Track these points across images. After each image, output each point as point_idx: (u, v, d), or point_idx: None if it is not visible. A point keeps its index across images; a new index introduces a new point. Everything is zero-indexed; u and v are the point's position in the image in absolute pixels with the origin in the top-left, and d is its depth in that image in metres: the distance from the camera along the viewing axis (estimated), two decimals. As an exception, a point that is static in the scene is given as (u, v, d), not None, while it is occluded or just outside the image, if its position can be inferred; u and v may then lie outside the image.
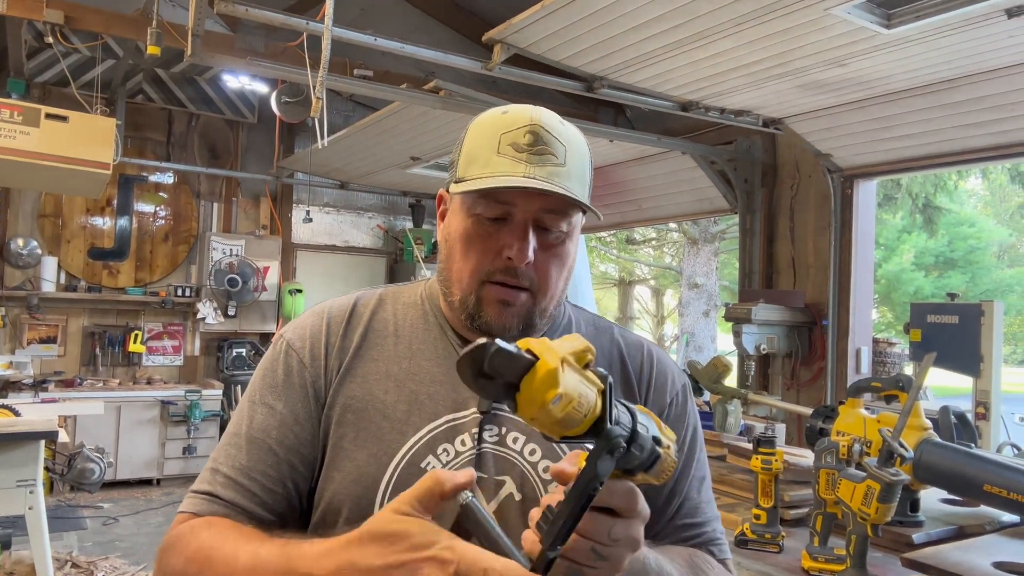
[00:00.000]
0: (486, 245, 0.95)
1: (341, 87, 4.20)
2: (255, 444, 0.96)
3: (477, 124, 0.98)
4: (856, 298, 4.80)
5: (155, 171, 7.22)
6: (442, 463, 0.95)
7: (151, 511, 5.82)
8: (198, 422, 6.64)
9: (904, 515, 1.98)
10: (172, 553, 0.90)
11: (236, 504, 0.94)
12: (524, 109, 0.96)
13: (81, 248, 6.95)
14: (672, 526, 1.03)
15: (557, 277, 0.98)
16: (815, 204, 4.98)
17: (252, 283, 7.17)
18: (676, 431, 1.03)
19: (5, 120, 4.42)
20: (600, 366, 1.04)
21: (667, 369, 1.10)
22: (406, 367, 1.01)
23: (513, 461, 0.97)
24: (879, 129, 4.33)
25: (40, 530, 4.00)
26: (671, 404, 1.07)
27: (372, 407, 0.97)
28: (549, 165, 0.92)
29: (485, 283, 0.95)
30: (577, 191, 0.93)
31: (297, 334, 1.03)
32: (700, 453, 1.08)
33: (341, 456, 0.96)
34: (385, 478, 0.94)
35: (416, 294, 1.08)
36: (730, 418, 3.07)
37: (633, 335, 1.14)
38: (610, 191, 6.21)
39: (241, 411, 1.01)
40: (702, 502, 1.06)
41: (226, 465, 0.96)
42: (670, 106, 4.41)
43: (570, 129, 0.97)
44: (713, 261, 12.24)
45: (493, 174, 0.91)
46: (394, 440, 0.95)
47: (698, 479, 1.06)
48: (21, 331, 6.65)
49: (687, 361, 3.28)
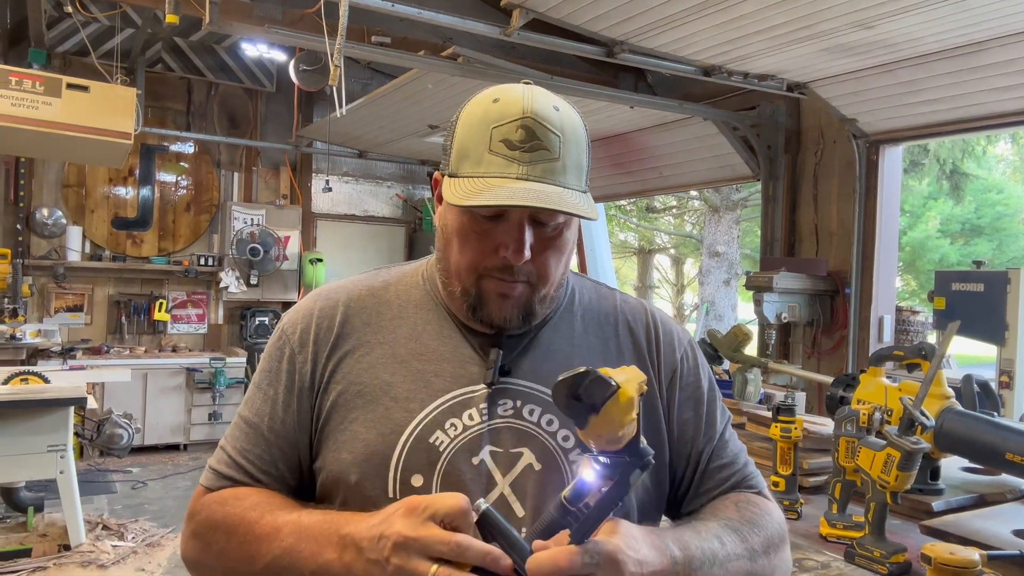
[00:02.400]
0: (482, 242, 0.95)
1: (359, 54, 4.18)
2: (252, 428, 1.03)
3: (468, 113, 0.95)
4: (880, 266, 4.74)
5: (175, 141, 7.26)
6: (450, 437, 0.97)
7: (178, 475, 5.95)
8: (223, 389, 6.75)
9: (924, 483, 1.97)
10: (211, 524, 0.98)
11: (235, 481, 1.02)
12: (516, 97, 0.92)
13: (105, 218, 7.03)
14: (710, 469, 1.08)
15: (556, 267, 0.98)
16: (839, 170, 4.90)
17: (273, 252, 7.23)
18: (692, 384, 1.09)
19: (27, 90, 4.45)
20: (605, 331, 1.08)
21: (671, 328, 1.13)
22: (412, 348, 1.02)
23: (532, 433, 0.99)
24: (906, 93, 4.24)
25: (71, 493, 4.11)
26: (682, 360, 1.10)
27: (379, 388, 1.00)
28: (543, 161, 0.90)
29: (483, 277, 0.96)
30: (573, 182, 0.93)
31: (291, 319, 1.07)
32: (719, 402, 1.12)
33: (350, 437, 0.98)
34: (395, 455, 0.96)
35: (417, 275, 1.09)
36: (749, 387, 3.06)
37: (633, 299, 1.16)
38: (630, 158, 6.15)
39: (248, 393, 1.07)
40: (730, 441, 1.11)
41: (230, 445, 1.04)
42: (692, 71, 4.34)
43: (564, 113, 0.94)
44: (735, 229, 12.12)
45: (486, 174, 0.90)
46: (402, 418, 0.98)
47: (722, 423, 1.11)
48: (48, 300, 6.77)
49: (707, 330, 3.27)
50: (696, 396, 1.09)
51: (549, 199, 0.88)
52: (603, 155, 6.21)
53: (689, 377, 1.09)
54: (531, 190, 0.88)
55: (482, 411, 0.98)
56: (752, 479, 1.10)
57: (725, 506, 1.03)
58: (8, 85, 4.40)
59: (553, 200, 0.88)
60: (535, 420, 0.99)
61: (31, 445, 4.01)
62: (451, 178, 0.94)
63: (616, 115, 5.30)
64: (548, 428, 0.99)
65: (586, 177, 0.97)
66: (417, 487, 0.95)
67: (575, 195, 0.92)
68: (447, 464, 0.96)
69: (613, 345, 1.07)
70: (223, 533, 0.95)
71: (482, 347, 1.01)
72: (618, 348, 1.08)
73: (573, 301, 1.10)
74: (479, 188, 0.89)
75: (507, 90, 0.94)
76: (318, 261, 7.49)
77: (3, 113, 4.38)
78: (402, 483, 0.95)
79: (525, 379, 1.01)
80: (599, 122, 5.46)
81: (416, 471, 0.95)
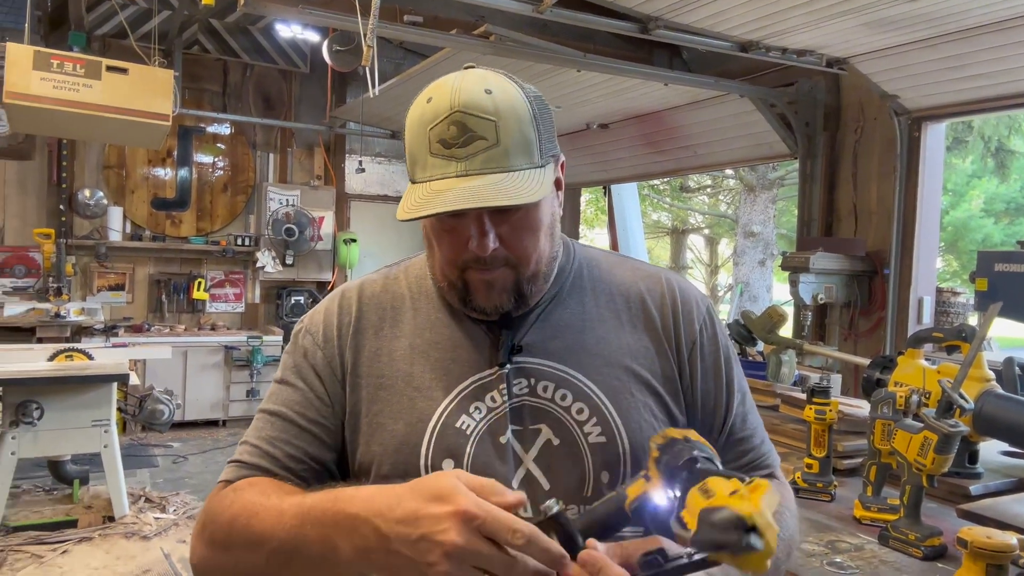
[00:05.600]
0: (452, 239, 0.96)
1: (391, 34, 4.17)
2: (278, 417, 1.03)
3: (410, 117, 0.96)
4: (920, 246, 4.63)
5: (212, 122, 7.35)
6: (476, 421, 0.98)
7: (217, 450, 6.10)
8: (260, 366, 6.88)
9: (962, 466, 1.94)
10: (217, 512, 0.96)
11: (261, 468, 1.00)
12: (444, 91, 0.92)
13: (144, 198, 7.16)
14: (730, 443, 1.07)
15: (532, 245, 0.97)
16: (880, 148, 4.78)
17: (308, 233, 7.31)
18: (711, 353, 1.07)
19: (69, 73, 4.54)
20: (617, 303, 1.07)
21: (689, 296, 1.10)
22: (428, 337, 1.04)
23: (547, 409, 1.00)
24: (950, 68, 4.12)
25: (115, 467, 4.24)
26: (701, 331, 1.08)
27: (401, 380, 1.02)
28: (481, 153, 0.90)
29: (465, 269, 0.97)
30: (520, 161, 0.91)
31: (313, 320, 1.09)
32: (737, 368, 1.10)
33: (379, 430, 1.00)
34: (424, 443, 0.98)
35: (424, 265, 1.10)
36: (784, 368, 3.03)
37: (649, 267, 1.14)
38: (664, 137, 6.07)
39: (269, 391, 1.08)
40: (747, 413, 1.10)
41: (253, 436, 1.04)
42: (728, 47, 4.26)
43: (498, 93, 0.91)
44: (771, 208, 11.92)
45: (431, 178, 0.91)
46: (427, 407, 0.99)
47: (741, 394, 1.10)
48: (91, 279, 6.94)
49: (740, 311, 3.24)
50: (715, 366, 1.07)
51: (483, 194, 0.88)
52: (636, 134, 6.15)
53: (709, 347, 1.07)
54: (469, 188, 0.88)
55: (502, 392, 1.00)
56: (766, 459, 1.10)
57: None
58: (50, 68, 4.49)
59: (486, 195, 0.88)
60: (549, 396, 1.00)
61: (76, 420, 4.13)
62: (411, 184, 0.96)
63: (650, 93, 5.23)
64: (562, 403, 1.00)
65: (538, 147, 0.94)
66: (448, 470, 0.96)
67: (521, 176, 0.91)
68: (476, 447, 0.97)
69: (626, 317, 1.06)
70: (227, 520, 0.92)
71: (492, 330, 1.03)
72: (631, 320, 1.06)
73: (583, 275, 1.09)
74: (424, 196, 0.90)
75: (440, 86, 0.94)
76: (352, 241, 7.55)
77: (45, 96, 4.48)
78: (433, 467, 0.97)
79: (537, 357, 1.01)
80: (632, 100, 5.40)
81: (446, 455, 0.97)
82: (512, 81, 0.96)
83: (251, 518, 0.89)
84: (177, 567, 3.70)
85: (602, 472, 0.98)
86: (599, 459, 0.98)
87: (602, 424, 0.99)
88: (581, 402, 0.99)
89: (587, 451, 0.99)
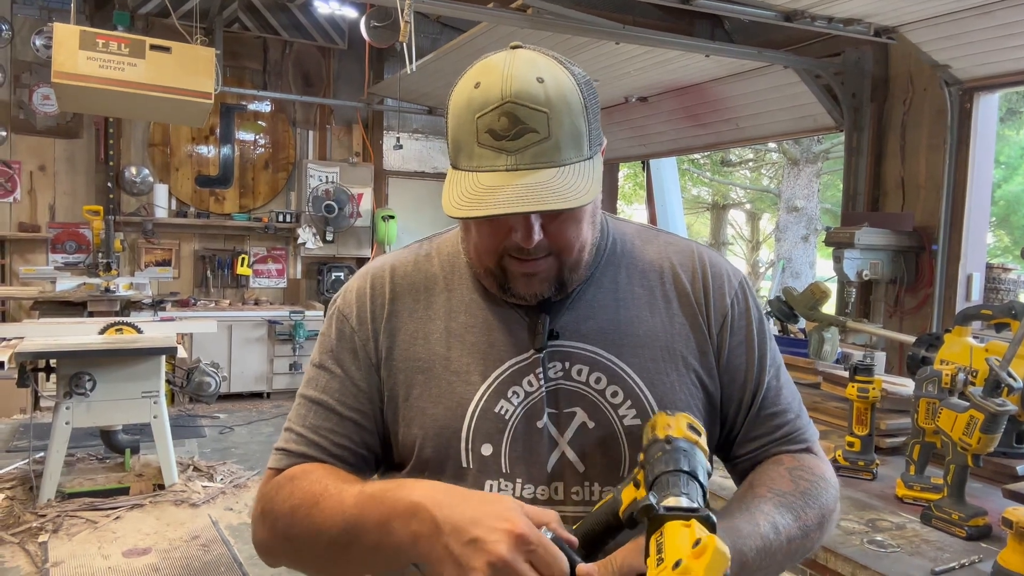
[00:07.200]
0: (492, 228, 0.94)
1: (428, 8, 4.16)
2: (319, 405, 1.03)
3: (455, 101, 0.93)
4: (970, 221, 4.50)
5: (253, 100, 7.43)
6: (514, 405, 0.99)
7: (262, 422, 6.25)
8: (302, 341, 7.00)
9: (1009, 446, 1.90)
10: (276, 501, 0.97)
11: (308, 456, 1.01)
12: (495, 78, 0.89)
13: (189, 176, 7.29)
14: (761, 417, 1.05)
15: (576, 235, 0.96)
16: (929, 120, 4.64)
17: (348, 209, 7.38)
18: (742, 328, 1.06)
19: (114, 52, 4.62)
20: (650, 279, 1.06)
21: (721, 270, 1.08)
22: (463, 320, 1.03)
23: (582, 392, 1.00)
24: (1005, 36, 3.96)
25: (164, 437, 4.37)
26: (732, 304, 1.06)
27: (438, 363, 1.01)
28: (532, 147, 0.87)
29: (504, 257, 0.96)
30: (570, 154, 0.89)
31: (345, 300, 1.08)
32: (770, 342, 1.08)
33: (418, 413, 1.00)
34: (464, 427, 0.98)
35: (456, 243, 1.08)
36: (826, 346, 2.98)
37: (681, 240, 1.12)
38: (705, 109, 5.97)
39: (307, 374, 1.08)
40: (781, 388, 1.08)
41: (297, 424, 1.04)
42: (772, 16, 4.15)
43: (550, 82, 0.89)
44: (815, 183, 11.67)
45: (478, 168, 0.89)
46: (465, 392, 0.99)
47: (774, 368, 1.07)
48: (139, 254, 7.12)
49: (782, 287, 3.19)
50: (747, 340, 1.06)
51: (536, 195, 0.86)
52: (676, 107, 6.05)
53: (740, 321, 1.06)
54: (521, 187, 0.86)
55: (539, 376, 0.99)
56: (801, 433, 1.07)
57: (779, 475, 0.99)
58: (96, 48, 4.57)
59: (540, 196, 0.86)
60: (584, 379, 1.00)
61: (127, 391, 4.27)
62: (453, 170, 0.93)
63: (690, 65, 5.13)
64: (597, 386, 1.00)
65: (588, 138, 0.92)
66: (487, 455, 0.98)
67: (572, 171, 0.89)
68: (514, 431, 0.98)
69: (659, 294, 1.05)
70: (288, 509, 0.94)
71: (528, 313, 1.01)
72: (664, 296, 1.05)
73: (615, 251, 1.07)
74: (473, 190, 0.88)
75: (488, 70, 0.90)
76: (390, 218, 7.61)
77: (92, 75, 4.57)
78: (473, 452, 0.98)
79: (571, 339, 1.01)
80: (672, 72, 5.31)
81: (485, 440, 0.98)
82: (562, 66, 0.92)
83: (312, 508, 0.91)
84: (224, 533, 3.82)
85: (637, 454, 0.98)
86: (634, 442, 0.98)
87: (637, 407, 0.99)
88: (616, 385, 0.99)
89: (622, 434, 0.99)
